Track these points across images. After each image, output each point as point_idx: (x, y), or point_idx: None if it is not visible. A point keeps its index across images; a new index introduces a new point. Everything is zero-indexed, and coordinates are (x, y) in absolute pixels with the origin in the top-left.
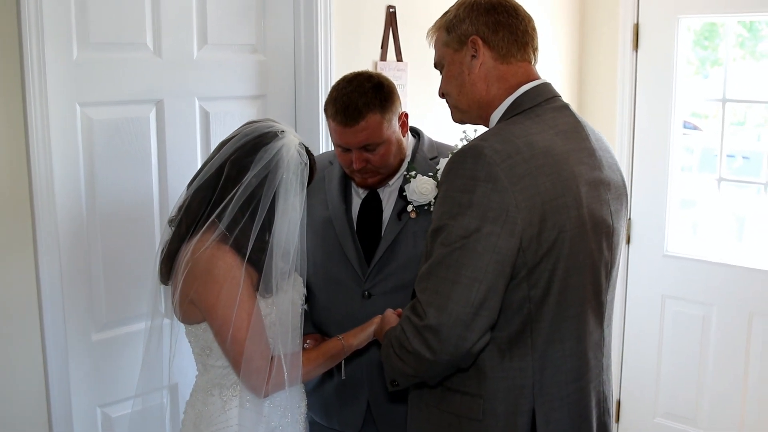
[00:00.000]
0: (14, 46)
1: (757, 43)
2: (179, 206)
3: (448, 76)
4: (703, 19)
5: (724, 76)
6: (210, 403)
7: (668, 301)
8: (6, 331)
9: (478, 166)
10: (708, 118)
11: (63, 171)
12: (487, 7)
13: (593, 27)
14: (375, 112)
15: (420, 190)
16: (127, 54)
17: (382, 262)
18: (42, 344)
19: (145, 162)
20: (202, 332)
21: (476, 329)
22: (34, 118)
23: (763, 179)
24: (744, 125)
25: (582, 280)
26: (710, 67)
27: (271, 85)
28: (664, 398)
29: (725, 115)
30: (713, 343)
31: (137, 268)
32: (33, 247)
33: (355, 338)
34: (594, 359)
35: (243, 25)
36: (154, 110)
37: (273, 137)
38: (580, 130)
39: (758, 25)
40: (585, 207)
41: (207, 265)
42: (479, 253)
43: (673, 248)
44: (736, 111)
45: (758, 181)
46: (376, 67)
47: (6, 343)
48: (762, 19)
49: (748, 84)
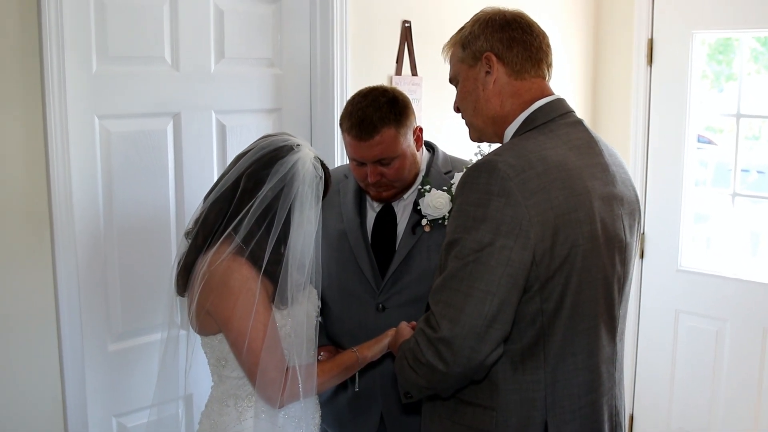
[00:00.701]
0: (35, 58)
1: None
2: (196, 219)
3: (463, 91)
4: (717, 34)
5: (738, 91)
6: (225, 413)
7: (682, 315)
8: (24, 341)
9: (492, 181)
10: (722, 133)
11: (81, 183)
12: (501, 24)
13: (607, 41)
14: (390, 127)
15: (434, 204)
16: (146, 67)
17: (396, 276)
18: (59, 354)
19: (161, 174)
20: (217, 343)
21: (489, 342)
22: (53, 129)
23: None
24: (759, 140)
25: (595, 295)
26: (725, 81)
27: (287, 99)
28: (677, 413)
29: (740, 130)
30: (726, 358)
31: (153, 280)
32: (51, 257)
33: (370, 350)
34: (606, 373)
35: (260, 39)
36: (172, 123)
37: (289, 151)
38: (594, 145)
39: None
40: (598, 222)
41: (223, 277)
42: (492, 266)
43: (686, 263)
44: (751, 126)
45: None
46: (391, 81)
47: (24, 353)
48: None
49: (763, 98)
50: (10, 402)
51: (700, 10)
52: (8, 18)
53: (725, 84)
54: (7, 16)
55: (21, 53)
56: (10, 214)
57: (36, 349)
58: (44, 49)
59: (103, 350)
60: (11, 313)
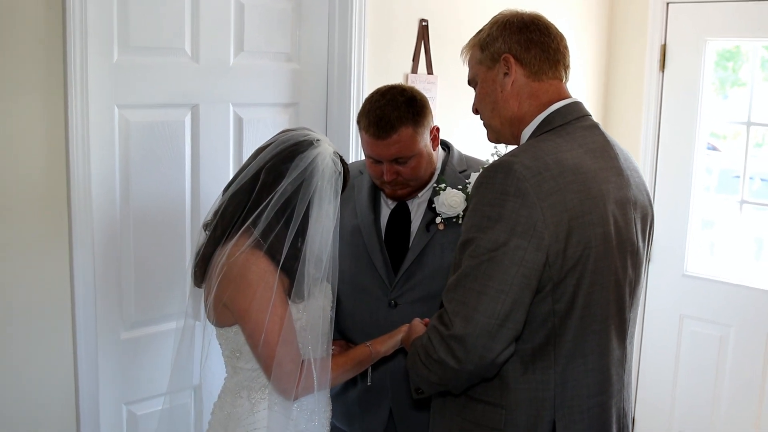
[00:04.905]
0: (58, 46)
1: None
2: (215, 211)
3: (482, 93)
4: (731, 43)
5: (749, 99)
6: (238, 405)
7: (686, 320)
8: (39, 327)
9: (508, 181)
10: (726, 139)
11: (99, 172)
12: (519, 26)
13: (621, 46)
14: (407, 126)
15: (449, 203)
16: (166, 58)
17: (409, 272)
18: (73, 341)
19: (178, 165)
20: (233, 335)
21: (501, 340)
22: (74, 118)
23: None
24: (762, 147)
25: (606, 297)
26: (729, 87)
27: (304, 94)
28: (679, 417)
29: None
30: (729, 364)
31: (167, 270)
32: (68, 245)
33: (383, 345)
34: (616, 375)
35: (279, 33)
36: (190, 114)
37: (309, 145)
38: (609, 149)
39: None
40: (611, 225)
41: (241, 270)
42: (506, 265)
43: (692, 268)
44: (756, 133)
45: None
46: (407, 79)
47: (39, 339)
48: None
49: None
50: (25, 387)
51: (713, 18)
52: (33, 7)
53: (730, 90)
54: (33, 5)
55: (44, 41)
56: (29, 202)
57: (51, 335)
58: (68, 38)
59: (116, 338)
60: (28, 300)
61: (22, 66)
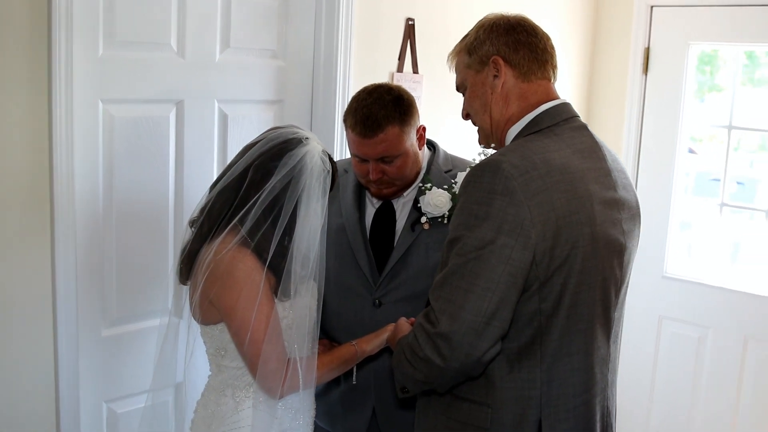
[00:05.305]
0: (43, 40)
1: (755, 70)
2: (201, 207)
3: (472, 97)
4: (714, 47)
5: (731, 102)
6: (223, 403)
7: (665, 321)
8: (20, 323)
9: (496, 180)
10: (702, 142)
11: (83, 166)
12: (506, 28)
13: (605, 49)
14: (394, 125)
15: (435, 203)
16: (151, 53)
17: (393, 272)
18: (54, 338)
19: (162, 161)
20: (218, 333)
21: (487, 338)
22: (58, 112)
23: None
24: (738, 151)
25: (592, 296)
26: (707, 92)
27: (289, 92)
28: (656, 417)
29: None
30: (707, 365)
31: (149, 266)
32: (51, 240)
33: (369, 344)
34: (600, 374)
35: (265, 30)
36: (174, 110)
37: (298, 143)
38: (597, 150)
39: (757, 53)
40: (598, 225)
41: (228, 267)
42: (493, 264)
43: (672, 270)
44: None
45: (758, 208)
46: (392, 78)
47: (19, 335)
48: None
49: (746, 111)
50: (4, 384)
51: (697, 22)
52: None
53: (708, 95)
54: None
55: (29, 35)
56: (12, 196)
57: (32, 332)
58: (53, 32)
59: (96, 335)
60: (9, 296)
61: (6, 59)
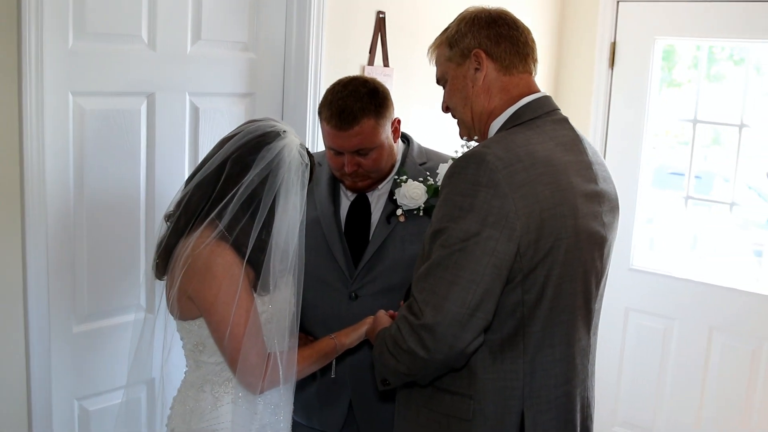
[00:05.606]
0: (13, 30)
1: (711, 66)
2: (177, 202)
3: (452, 90)
4: (679, 41)
5: (696, 97)
6: (201, 399)
7: (631, 313)
8: None
9: (481, 172)
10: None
11: (54, 160)
12: (488, 21)
13: (571, 43)
14: (370, 117)
15: (410, 195)
16: (122, 45)
17: (370, 265)
18: (25, 335)
19: (134, 155)
20: (196, 328)
21: (471, 330)
22: (29, 105)
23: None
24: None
25: (574, 288)
26: (667, 87)
27: (261, 84)
28: (623, 408)
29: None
30: (673, 356)
31: (120, 261)
32: (21, 234)
33: (348, 337)
34: (581, 365)
35: (236, 22)
36: (146, 103)
37: (275, 137)
38: (578, 143)
39: (713, 48)
40: (581, 218)
41: (207, 262)
42: (478, 256)
43: (638, 262)
44: (684, 131)
45: (724, 201)
46: (363, 71)
47: None
48: (737, 45)
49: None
50: None
51: (662, 17)
52: None
53: (666, 90)
54: None
55: None
56: None
57: (2, 328)
58: (23, 21)
59: (68, 332)
60: None
61: None
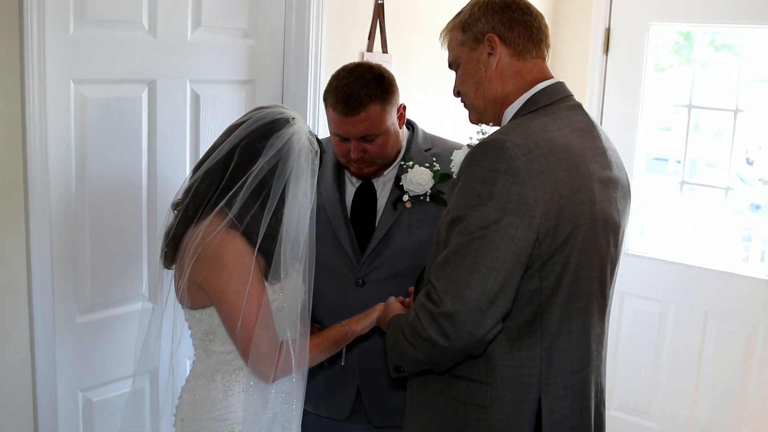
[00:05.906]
0: (15, 18)
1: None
2: (186, 190)
3: (465, 74)
4: (674, 28)
5: (691, 82)
6: (212, 388)
7: (627, 297)
8: None
9: (500, 159)
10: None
11: (56, 148)
12: (501, 6)
13: (565, 29)
14: (376, 103)
15: (417, 181)
16: (123, 32)
17: (376, 251)
18: (30, 326)
19: (135, 142)
20: (207, 317)
21: (491, 317)
22: (31, 93)
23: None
24: (670, 131)
25: (591, 274)
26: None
27: (261, 71)
28: (619, 391)
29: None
30: (669, 340)
31: (123, 250)
32: (25, 225)
33: (359, 324)
34: (596, 351)
35: (236, 8)
36: (147, 91)
37: (285, 123)
38: (593, 129)
39: (693, 34)
40: (597, 204)
41: (217, 251)
42: (498, 243)
43: (633, 247)
44: (665, 116)
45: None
46: (362, 57)
47: None
48: (730, 31)
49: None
50: None
51: (657, 3)
52: None
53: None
54: None
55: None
56: None
57: (7, 319)
58: (24, 9)
59: (71, 322)
60: None
61: None
